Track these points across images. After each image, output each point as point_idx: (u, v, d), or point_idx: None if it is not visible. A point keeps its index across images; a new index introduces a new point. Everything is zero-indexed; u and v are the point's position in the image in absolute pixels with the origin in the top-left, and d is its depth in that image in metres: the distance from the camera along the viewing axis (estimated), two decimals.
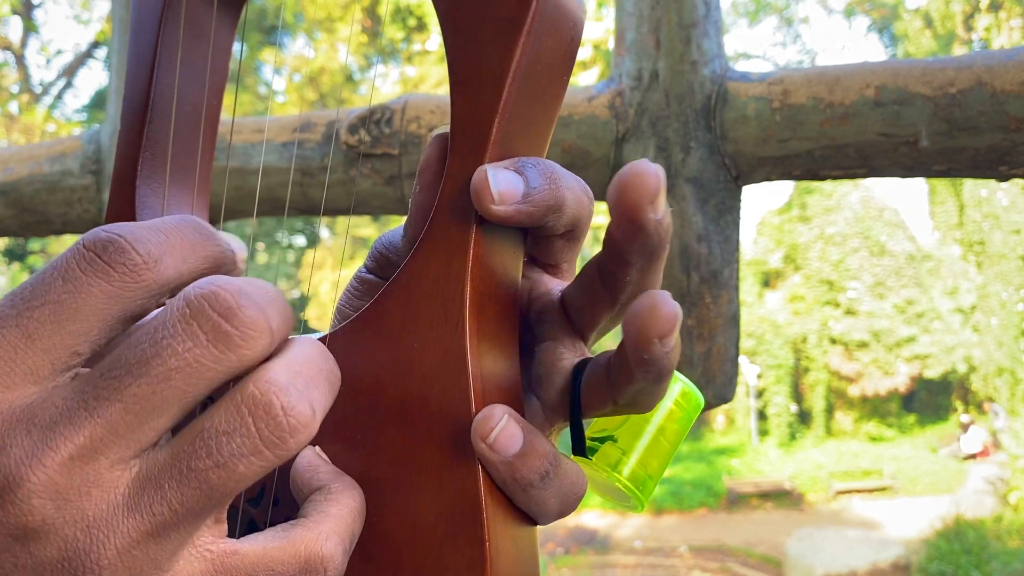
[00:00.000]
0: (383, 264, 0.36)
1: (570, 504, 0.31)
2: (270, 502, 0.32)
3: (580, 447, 0.33)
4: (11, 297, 0.24)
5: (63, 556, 0.22)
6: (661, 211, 0.28)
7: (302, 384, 0.24)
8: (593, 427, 0.35)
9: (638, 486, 0.34)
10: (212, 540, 0.25)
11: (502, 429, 0.28)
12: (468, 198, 0.28)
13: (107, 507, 0.23)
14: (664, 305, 0.27)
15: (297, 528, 0.26)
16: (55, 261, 0.24)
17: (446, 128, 0.30)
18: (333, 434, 0.30)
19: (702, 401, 0.35)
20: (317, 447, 0.30)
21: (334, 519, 0.27)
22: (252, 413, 0.23)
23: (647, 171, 0.28)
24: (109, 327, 0.24)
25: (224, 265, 0.27)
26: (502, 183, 0.28)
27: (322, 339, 0.31)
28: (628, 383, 0.30)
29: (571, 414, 0.32)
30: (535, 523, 0.31)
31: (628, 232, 0.28)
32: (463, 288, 0.29)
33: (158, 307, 0.25)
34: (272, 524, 0.31)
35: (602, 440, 0.35)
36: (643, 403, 0.31)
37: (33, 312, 0.23)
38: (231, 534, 0.26)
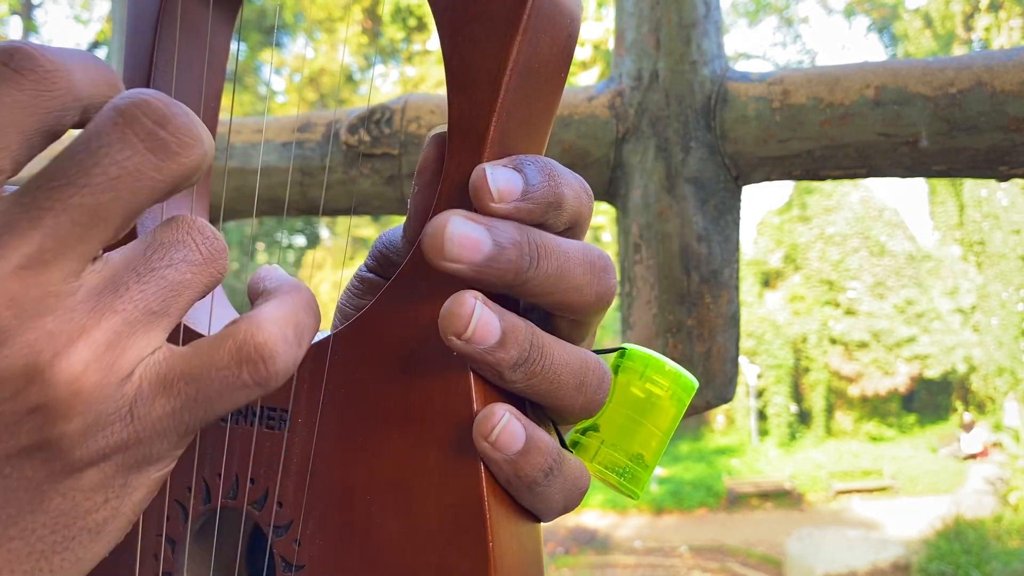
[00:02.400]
0: (383, 263, 0.36)
1: (574, 499, 0.31)
2: (274, 503, 0.31)
3: (561, 441, 0.33)
4: None
5: (25, 362, 0.22)
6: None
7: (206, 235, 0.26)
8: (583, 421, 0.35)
9: (624, 475, 0.34)
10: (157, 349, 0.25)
11: (504, 427, 0.28)
12: (467, 197, 0.28)
13: (66, 311, 0.23)
14: (452, 304, 0.27)
15: (231, 324, 0.25)
16: None
17: (444, 128, 0.30)
18: (334, 438, 0.30)
19: (694, 383, 0.34)
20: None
21: (271, 309, 0.26)
22: (192, 231, 0.25)
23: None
24: (27, 142, 0.23)
25: None
26: (501, 181, 0.28)
27: (324, 340, 0.31)
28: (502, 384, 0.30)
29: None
30: (539, 520, 0.31)
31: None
32: (463, 287, 0.29)
33: (76, 127, 0.25)
34: (276, 526, 0.31)
35: (585, 431, 0.34)
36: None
37: None
38: (232, 534, 0.26)
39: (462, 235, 0.27)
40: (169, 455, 0.26)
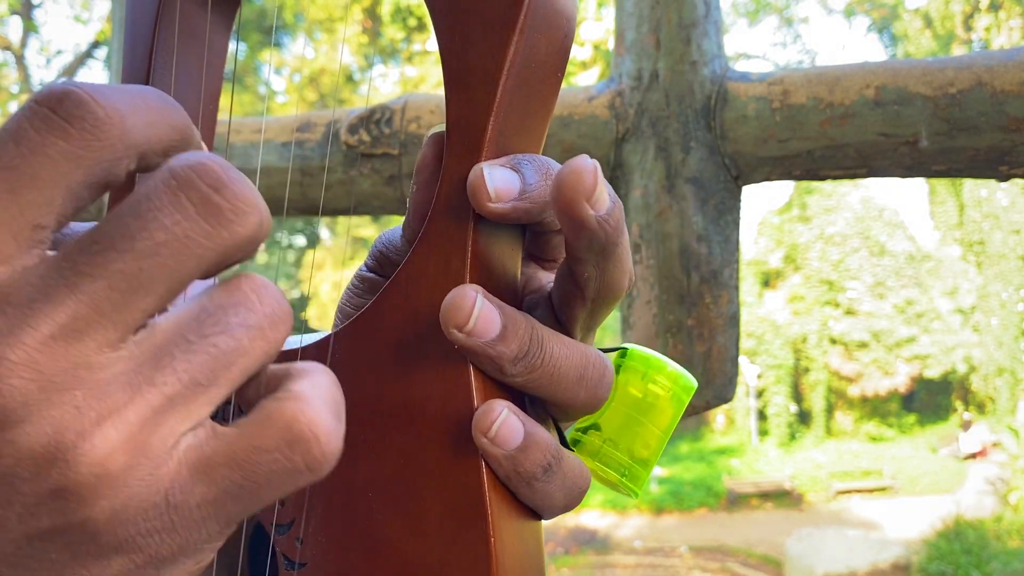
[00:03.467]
0: (383, 262, 0.36)
1: (575, 497, 0.31)
2: (276, 501, 0.31)
3: (561, 440, 0.33)
4: None
5: (47, 441, 0.20)
6: (603, 207, 0.28)
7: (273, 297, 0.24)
8: (583, 419, 0.35)
9: (624, 473, 0.34)
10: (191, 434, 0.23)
11: (503, 423, 0.28)
12: (465, 196, 0.28)
13: (98, 385, 0.21)
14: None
15: (269, 402, 0.23)
16: (7, 122, 0.21)
17: (442, 127, 0.30)
18: None
19: (693, 383, 0.35)
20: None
21: (308, 386, 0.23)
22: (255, 291, 0.23)
23: (584, 168, 0.27)
24: (74, 195, 0.21)
25: (192, 141, 0.25)
26: (498, 180, 0.28)
27: (324, 339, 0.31)
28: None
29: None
30: (540, 518, 0.31)
31: (571, 230, 0.28)
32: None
33: (128, 175, 0.23)
34: (278, 524, 0.31)
35: (586, 430, 0.35)
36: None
37: None
38: (235, 537, 0.26)
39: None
40: (208, 546, 0.23)
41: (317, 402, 0.22)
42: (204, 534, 0.22)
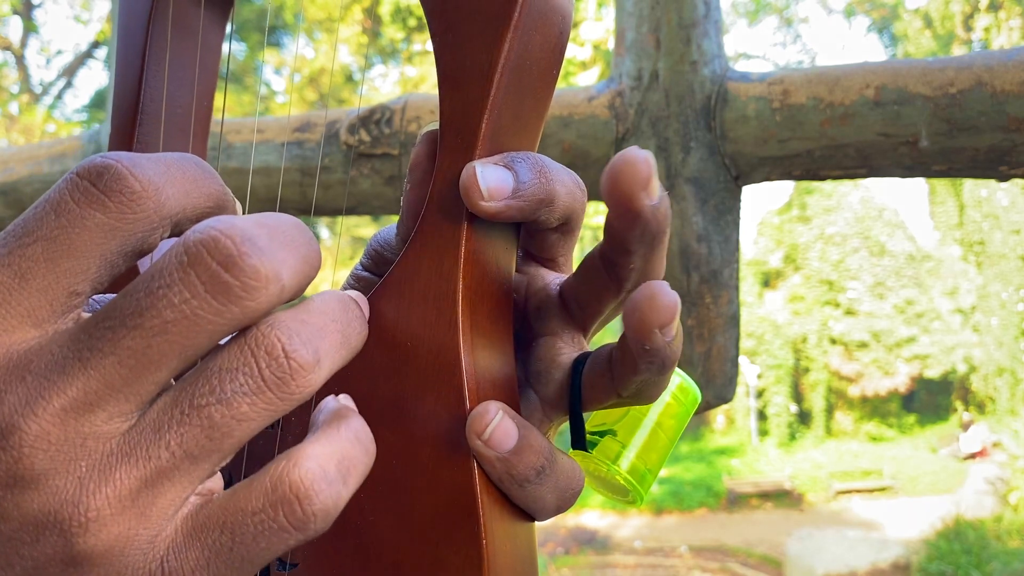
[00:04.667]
0: (378, 261, 0.36)
1: (567, 499, 0.31)
2: None
3: (580, 441, 0.33)
4: (4, 235, 0.23)
5: (49, 508, 0.21)
6: (656, 196, 0.28)
7: (308, 332, 0.23)
8: (592, 421, 0.35)
9: (637, 480, 0.34)
10: (192, 501, 0.23)
11: (497, 425, 0.28)
12: (458, 195, 0.28)
13: (102, 457, 0.21)
14: (663, 295, 0.27)
15: (270, 463, 0.23)
16: (48, 193, 0.23)
17: (436, 125, 0.30)
18: None
19: (699, 396, 0.35)
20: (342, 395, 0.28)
21: (312, 443, 0.23)
22: (254, 353, 0.22)
23: (638, 158, 0.27)
24: (109, 264, 0.23)
25: (227, 207, 0.26)
26: (491, 179, 0.28)
27: None
28: (632, 374, 0.30)
29: (571, 407, 0.32)
30: (533, 520, 0.31)
31: (626, 220, 0.28)
32: (455, 286, 0.29)
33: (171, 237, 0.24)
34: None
35: (601, 434, 0.35)
36: (647, 394, 0.31)
37: (25, 250, 0.22)
38: None
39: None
40: None
41: (310, 462, 0.23)
42: None
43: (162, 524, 0.22)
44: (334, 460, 0.23)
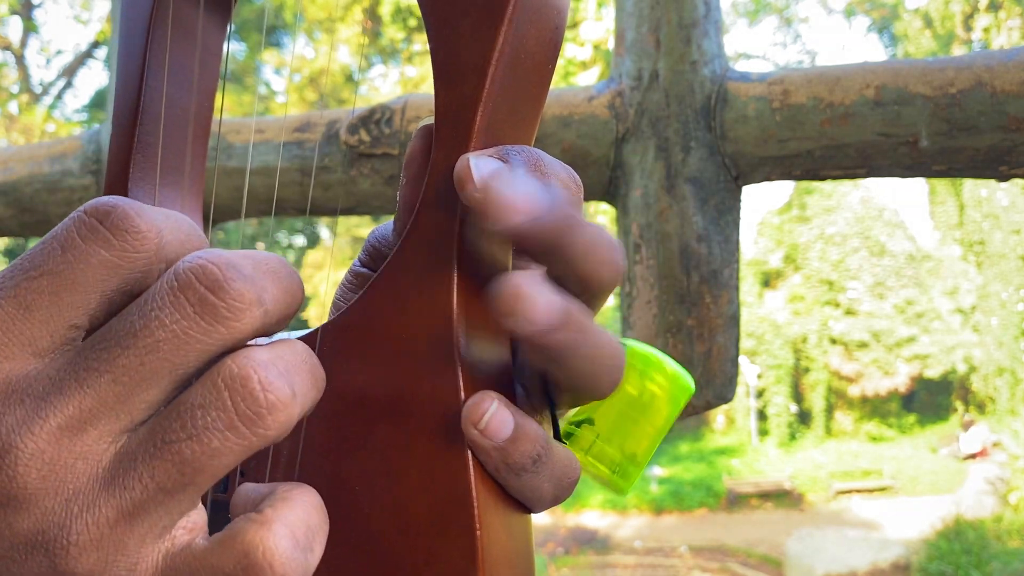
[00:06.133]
0: (376, 257, 0.36)
1: (564, 489, 0.31)
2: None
3: (555, 432, 0.33)
4: (12, 267, 0.24)
5: (38, 528, 0.22)
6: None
7: (283, 367, 0.24)
8: (577, 412, 0.35)
9: (615, 469, 0.34)
10: (174, 536, 0.24)
11: (493, 414, 0.28)
12: (453, 189, 0.28)
13: (87, 481, 0.22)
14: (502, 286, 0.26)
15: (241, 521, 0.24)
16: (56, 229, 0.24)
17: (431, 120, 0.30)
18: (322, 431, 0.30)
19: (691, 384, 0.35)
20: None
21: (279, 509, 0.24)
22: (229, 387, 0.23)
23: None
24: (108, 300, 0.24)
25: None
26: (485, 170, 0.28)
27: (312, 333, 0.31)
28: (540, 369, 0.30)
29: (548, 397, 0.32)
30: (529, 511, 0.31)
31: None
32: (450, 279, 0.29)
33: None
34: None
35: (580, 424, 0.34)
36: (588, 387, 0.30)
37: (31, 283, 0.23)
38: (223, 528, 0.26)
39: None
40: None
41: (283, 530, 0.23)
42: None
43: (141, 555, 0.23)
44: (302, 527, 0.24)
